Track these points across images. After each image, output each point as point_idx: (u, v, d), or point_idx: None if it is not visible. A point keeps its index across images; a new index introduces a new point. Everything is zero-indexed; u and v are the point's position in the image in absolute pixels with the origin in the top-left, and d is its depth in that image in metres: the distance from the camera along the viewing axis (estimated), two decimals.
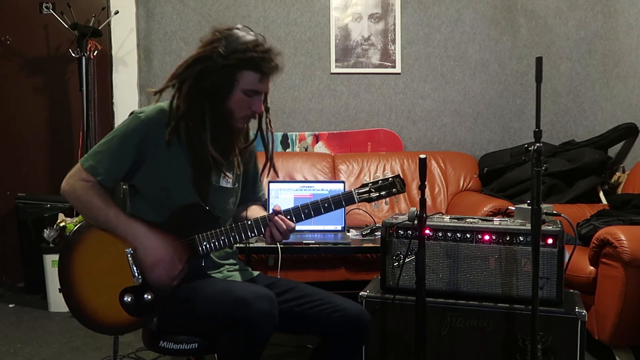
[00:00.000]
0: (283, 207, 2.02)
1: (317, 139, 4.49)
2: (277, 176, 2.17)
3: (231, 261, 2.15)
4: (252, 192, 2.24)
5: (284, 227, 1.95)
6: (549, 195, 3.89)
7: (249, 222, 1.98)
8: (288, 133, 4.48)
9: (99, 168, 1.95)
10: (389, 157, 4.25)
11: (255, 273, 2.20)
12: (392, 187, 2.06)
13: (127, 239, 1.93)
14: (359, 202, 2.04)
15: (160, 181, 1.97)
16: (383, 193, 2.05)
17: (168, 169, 1.97)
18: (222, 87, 1.92)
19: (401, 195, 4.12)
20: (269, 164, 2.07)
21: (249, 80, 1.93)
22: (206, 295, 1.88)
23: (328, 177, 4.14)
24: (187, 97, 1.93)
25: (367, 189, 2.06)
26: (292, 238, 2.73)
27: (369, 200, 2.05)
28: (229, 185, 2.10)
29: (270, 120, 2.04)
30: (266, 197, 2.28)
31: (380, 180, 2.06)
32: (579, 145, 4.18)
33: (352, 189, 2.05)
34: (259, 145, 2.11)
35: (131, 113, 1.99)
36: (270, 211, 2.00)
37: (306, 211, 2.00)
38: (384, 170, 4.17)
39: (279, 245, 2.65)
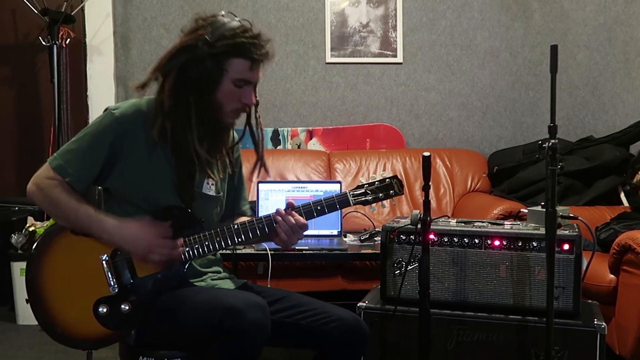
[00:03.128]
0: (272, 210, 2.02)
1: (310, 135, 4.49)
2: (268, 175, 2.17)
3: (215, 269, 2.15)
4: (234, 206, 2.22)
5: (292, 221, 1.97)
6: (565, 197, 3.90)
7: (235, 226, 1.98)
8: (279, 129, 4.48)
9: (69, 168, 1.94)
10: (389, 155, 4.26)
11: (242, 281, 2.19)
12: (388, 188, 2.06)
13: (102, 238, 1.93)
14: (354, 204, 2.04)
15: (138, 186, 1.97)
16: (380, 195, 2.06)
17: (147, 172, 1.96)
18: (209, 78, 1.91)
19: (403, 197, 4.16)
20: (259, 162, 2.07)
21: (238, 68, 1.92)
22: (192, 304, 1.88)
23: (323, 176, 4.15)
24: (173, 91, 1.92)
25: (363, 190, 2.06)
26: None
27: (365, 203, 2.05)
28: (212, 193, 2.08)
29: (259, 115, 2.03)
30: (250, 212, 2.27)
31: (377, 181, 2.06)
32: (598, 142, 4.19)
33: (347, 191, 2.05)
34: (247, 143, 2.11)
35: (105, 109, 1.99)
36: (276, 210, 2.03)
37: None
38: (384, 169, 4.18)
39: (269, 252, 2.65)
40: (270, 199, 3.07)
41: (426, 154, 2.04)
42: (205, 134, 1.98)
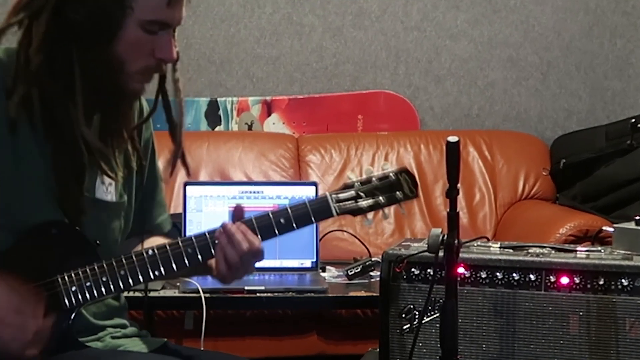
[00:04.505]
0: (210, 227, 2.03)
1: (269, 109, 4.50)
2: (188, 174, 2.17)
3: (118, 321, 2.13)
4: (145, 218, 2.22)
5: (243, 243, 1.98)
6: None
7: (149, 252, 1.97)
8: (219, 99, 4.48)
9: None
10: (394, 141, 4.27)
11: (161, 341, 2.20)
12: (393, 188, 2.04)
13: None
14: (339, 214, 2.03)
15: None
16: (380, 199, 2.03)
17: (9, 167, 1.95)
18: (103, 21, 1.89)
19: (415, 204, 4.13)
20: (176, 153, 2.07)
21: (149, 3, 1.92)
22: None
23: (288, 175, 4.15)
24: (44, 42, 1.90)
25: (353, 192, 2.03)
26: None
27: (356, 211, 2.04)
28: (111, 198, 2.07)
29: (178, 80, 2.04)
30: (170, 228, 2.27)
31: (375, 177, 2.05)
32: None
33: (328, 193, 2.04)
34: (161, 121, 2.12)
35: None
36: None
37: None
38: (386, 161, 4.17)
39: (202, 294, 2.66)
40: (205, 209, 3.08)
41: (452, 138, 2.01)
42: (97, 108, 1.97)
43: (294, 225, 2.01)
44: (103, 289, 1.99)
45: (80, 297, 1.99)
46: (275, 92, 4.56)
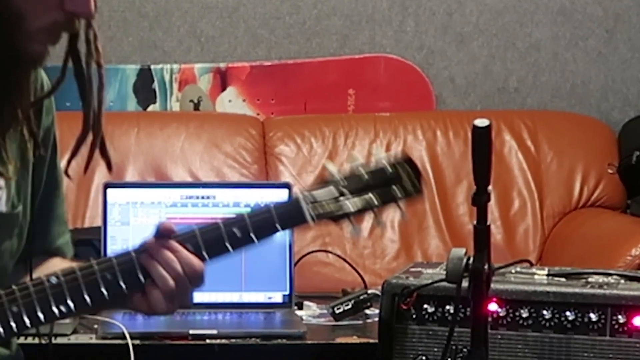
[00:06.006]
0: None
1: (223, 80, 4.55)
2: (110, 171, 2.16)
3: None
4: (44, 233, 2.24)
5: (177, 265, 1.94)
6: None
7: (54, 280, 1.96)
8: (152, 66, 4.52)
9: None
10: (399, 126, 4.31)
11: None
12: (389, 183, 2.07)
13: None
14: (315, 220, 2.02)
15: None
16: (372, 198, 2.02)
17: None
18: None
19: (429, 215, 4.18)
20: (94, 143, 2.06)
21: None
22: None
23: (251, 173, 4.19)
24: None
25: (333, 189, 2.04)
26: (166, 324, 2.77)
27: (339, 215, 2.01)
28: (1, 208, 2.10)
29: (95, 39, 2.04)
30: (71, 252, 2.27)
31: (363, 169, 2.04)
32: None
33: (299, 191, 2.03)
34: (69, 97, 2.09)
35: None
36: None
37: (191, 250, 1.98)
38: (387, 152, 4.14)
39: (129, 340, 2.65)
40: (134, 221, 3.09)
41: (481, 122, 2.02)
42: None
43: (253, 237, 1.98)
44: None
45: None
46: (233, 57, 4.60)
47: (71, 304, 1.97)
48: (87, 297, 1.98)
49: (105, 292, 1.98)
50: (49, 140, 2.22)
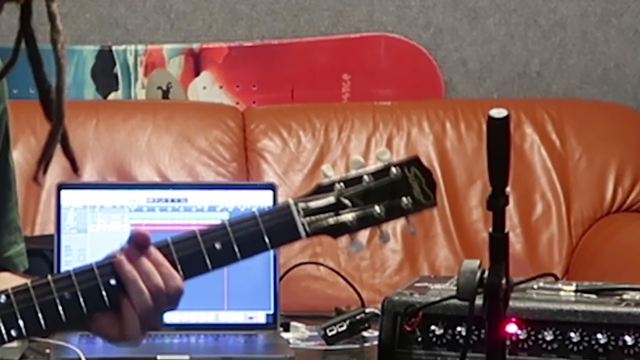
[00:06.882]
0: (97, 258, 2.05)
1: (196, 63, 4.60)
2: (75, 170, 2.22)
3: None
4: None
5: (157, 277, 2.01)
6: None
7: (3, 299, 2.00)
8: (114, 47, 4.57)
9: None
10: (402, 116, 4.36)
11: None
12: (397, 192, 2.09)
13: None
14: (310, 234, 2.08)
15: None
16: (376, 210, 2.07)
17: None
18: None
19: (436, 220, 4.24)
20: (52, 136, 2.13)
21: None
22: None
23: (229, 172, 4.25)
24: None
25: (332, 198, 2.09)
26: (129, 347, 2.79)
27: (338, 229, 2.04)
28: None
29: (53, 16, 2.12)
30: (25, 265, 2.34)
31: (367, 174, 2.09)
32: None
33: (292, 200, 2.09)
34: (23, 84, 2.15)
35: None
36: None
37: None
38: (385, 149, 4.13)
39: None
40: (92, 228, 3.13)
41: (498, 113, 2.04)
42: None
43: (237, 253, 2.00)
44: None
45: None
46: (208, 37, 4.66)
47: (22, 327, 1.98)
48: (41, 320, 1.99)
49: (62, 315, 1.99)
50: (0, 132, 2.27)
